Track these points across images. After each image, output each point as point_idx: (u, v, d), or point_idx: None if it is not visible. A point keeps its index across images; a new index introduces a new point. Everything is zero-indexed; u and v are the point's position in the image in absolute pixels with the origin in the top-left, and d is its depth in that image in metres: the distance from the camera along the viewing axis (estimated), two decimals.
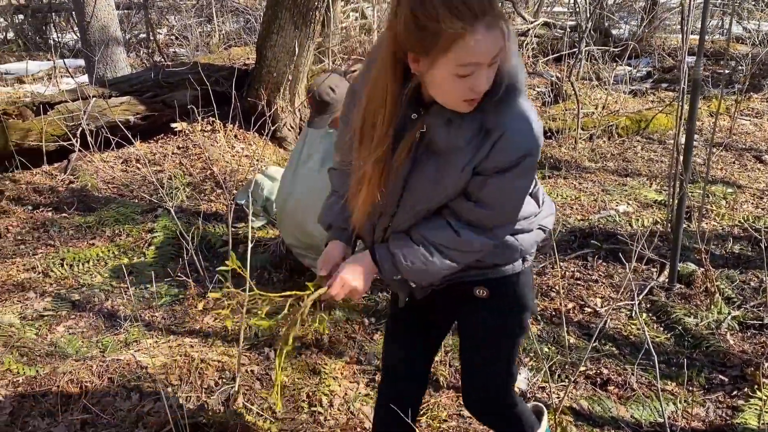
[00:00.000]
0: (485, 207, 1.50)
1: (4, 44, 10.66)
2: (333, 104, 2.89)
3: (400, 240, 1.57)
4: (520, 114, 1.43)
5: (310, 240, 3.30)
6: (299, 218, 3.29)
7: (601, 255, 3.74)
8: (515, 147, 1.43)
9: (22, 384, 2.62)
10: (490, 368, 1.80)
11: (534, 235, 1.69)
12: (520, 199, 1.55)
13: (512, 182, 1.48)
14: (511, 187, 1.49)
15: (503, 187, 1.48)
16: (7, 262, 3.68)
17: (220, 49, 7.60)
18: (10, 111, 4.86)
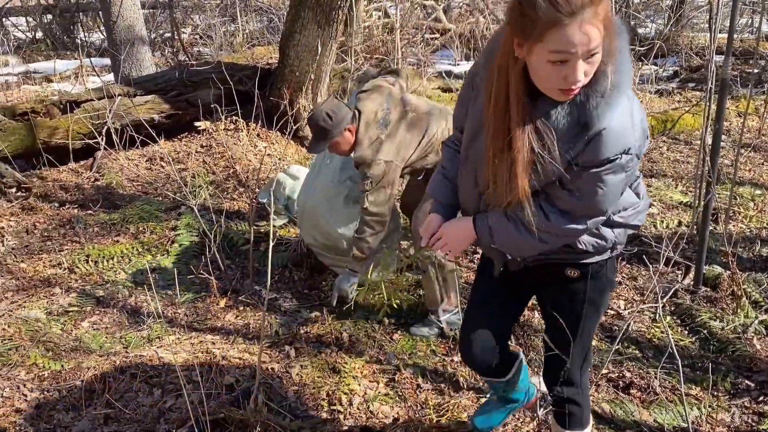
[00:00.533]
0: (578, 198, 1.56)
1: (33, 44, 10.85)
2: (330, 131, 2.80)
3: (496, 215, 1.67)
4: (620, 113, 1.46)
5: (328, 240, 3.30)
6: (318, 219, 3.30)
7: (624, 257, 3.69)
8: (611, 145, 1.46)
9: (48, 378, 2.66)
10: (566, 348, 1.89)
11: (633, 227, 1.75)
12: (613, 194, 1.57)
13: (606, 178, 1.52)
14: (604, 182, 1.53)
15: (596, 181, 1.52)
16: (33, 258, 3.74)
17: (243, 49, 7.65)
18: (38, 109, 4.94)
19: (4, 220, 4.20)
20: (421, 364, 2.85)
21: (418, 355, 2.93)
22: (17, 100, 6.66)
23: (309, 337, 3.06)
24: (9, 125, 4.71)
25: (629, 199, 1.71)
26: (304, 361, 2.86)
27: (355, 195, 3.25)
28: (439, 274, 3.00)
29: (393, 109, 2.91)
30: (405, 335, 3.08)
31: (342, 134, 2.84)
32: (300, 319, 3.23)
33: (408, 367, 2.82)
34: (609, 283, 1.83)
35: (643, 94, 6.75)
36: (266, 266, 3.70)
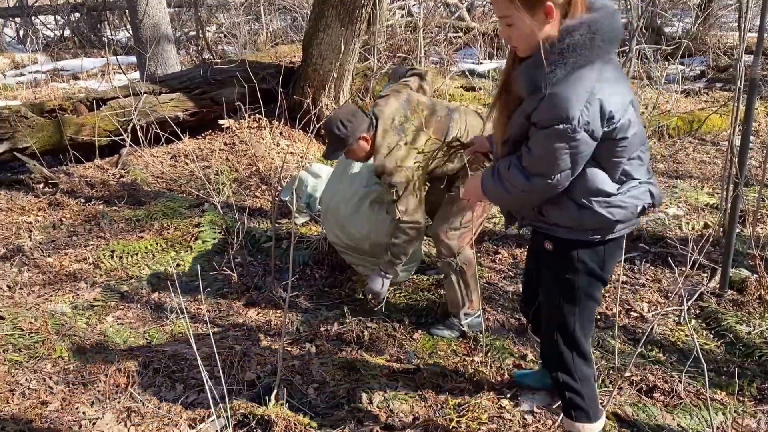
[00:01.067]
0: (528, 153, 1.78)
1: (61, 42, 11.02)
2: (345, 139, 2.77)
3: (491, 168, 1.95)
4: (571, 86, 1.64)
5: (351, 241, 3.30)
6: (342, 219, 3.30)
7: (648, 258, 3.65)
8: (550, 111, 1.66)
9: (73, 371, 2.70)
10: (548, 324, 2.05)
11: (603, 217, 1.80)
12: (556, 159, 1.72)
13: (548, 141, 1.70)
14: (547, 144, 1.71)
15: (541, 142, 1.72)
16: (60, 253, 3.80)
17: (267, 47, 7.69)
18: (66, 106, 5.02)
19: (32, 215, 4.27)
20: (441, 363, 2.84)
21: (438, 354, 2.93)
22: (45, 97, 6.77)
23: (329, 335, 3.07)
24: (37, 122, 4.79)
25: (599, 185, 1.78)
26: (324, 359, 2.87)
27: (382, 199, 3.23)
28: (460, 279, 2.98)
29: (411, 114, 2.85)
30: (425, 335, 3.08)
31: (357, 142, 2.80)
32: (320, 317, 3.24)
33: (428, 366, 2.82)
34: (586, 270, 1.89)
35: (669, 93, 6.66)
36: (287, 264, 3.72)
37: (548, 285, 2.01)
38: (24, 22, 11.48)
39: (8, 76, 8.60)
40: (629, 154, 1.78)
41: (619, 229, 1.86)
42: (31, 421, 2.36)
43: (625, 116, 1.71)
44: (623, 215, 1.82)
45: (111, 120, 5.00)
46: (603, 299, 3.27)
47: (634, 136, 1.75)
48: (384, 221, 3.15)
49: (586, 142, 1.68)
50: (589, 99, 1.63)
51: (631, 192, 1.82)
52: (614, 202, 1.80)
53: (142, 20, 6.35)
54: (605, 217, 1.80)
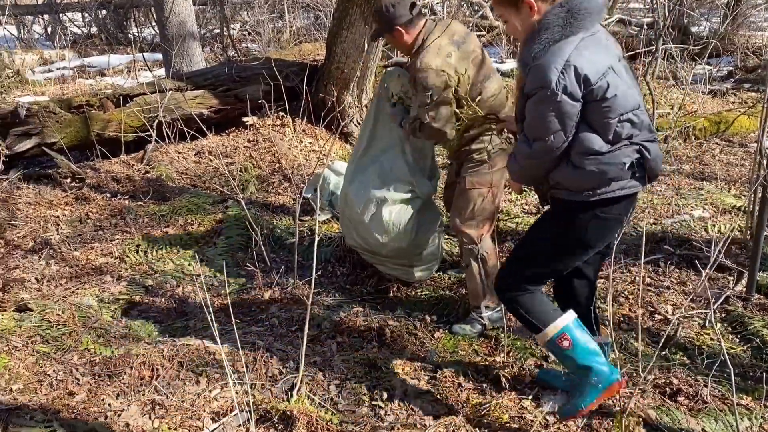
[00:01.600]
0: (526, 121, 2.09)
1: (88, 38, 11.17)
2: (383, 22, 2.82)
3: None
4: (549, 55, 1.97)
5: (368, 245, 3.28)
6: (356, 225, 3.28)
7: (673, 261, 3.61)
8: (533, 80, 2.00)
9: (99, 363, 2.74)
10: (514, 252, 2.40)
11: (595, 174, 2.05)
12: (545, 121, 2.01)
13: (535, 106, 2.02)
14: (535, 109, 2.03)
15: (531, 108, 2.04)
16: (86, 247, 3.86)
17: (290, 45, 7.72)
18: (93, 102, 5.10)
19: (59, 209, 4.34)
20: (462, 362, 2.84)
21: (459, 353, 2.92)
22: (72, 93, 6.88)
23: (351, 332, 3.08)
24: (65, 117, 4.87)
25: (590, 145, 2.03)
26: (346, 356, 2.88)
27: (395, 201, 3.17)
28: (482, 269, 2.98)
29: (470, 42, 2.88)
30: (446, 333, 3.07)
31: (394, 31, 2.83)
32: (342, 314, 3.26)
33: (449, 365, 2.82)
34: (579, 225, 2.16)
35: (695, 94, 6.57)
36: (310, 260, 3.74)
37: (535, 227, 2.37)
38: (52, 19, 11.66)
39: (37, 72, 8.74)
40: (617, 115, 2.00)
41: (615, 188, 2.07)
42: (59, 412, 2.40)
43: (603, 80, 1.97)
44: (614, 172, 2.04)
45: (137, 116, 5.07)
46: (626, 301, 3.25)
47: (615, 98, 1.98)
48: (401, 227, 3.14)
49: (567, 103, 1.96)
50: (565, 66, 1.94)
51: (621, 150, 2.04)
52: (604, 160, 2.03)
53: (168, 17, 6.42)
54: (597, 174, 2.04)
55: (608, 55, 2.01)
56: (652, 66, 6.86)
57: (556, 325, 2.22)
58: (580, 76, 1.94)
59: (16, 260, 3.65)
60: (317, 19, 9.87)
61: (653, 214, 4.24)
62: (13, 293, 3.23)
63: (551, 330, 2.22)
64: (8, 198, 4.35)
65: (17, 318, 3.02)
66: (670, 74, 6.94)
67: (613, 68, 1.99)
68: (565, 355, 2.24)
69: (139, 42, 9.89)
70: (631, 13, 10.50)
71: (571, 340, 2.21)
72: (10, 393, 2.48)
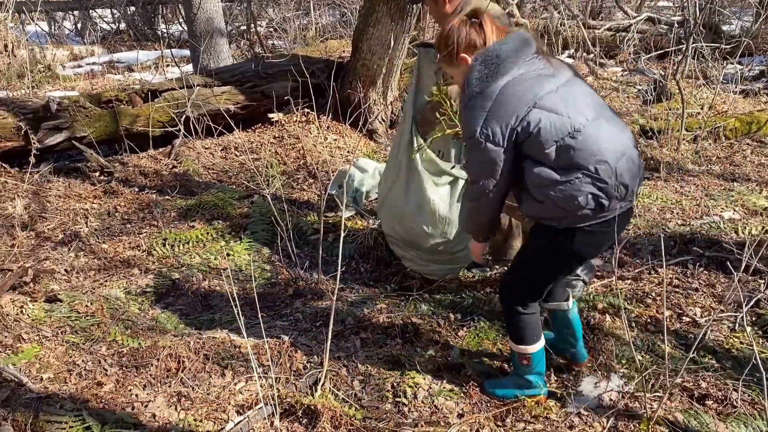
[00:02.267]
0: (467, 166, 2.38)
1: (117, 34, 11.32)
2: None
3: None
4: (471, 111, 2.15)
5: (409, 235, 3.28)
6: (400, 213, 3.29)
7: (702, 263, 3.55)
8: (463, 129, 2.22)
9: (126, 354, 2.78)
10: (510, 269, 2.52)
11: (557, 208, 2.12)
12: (474, 165, 2.21)
13: (469, 153, 2.22)
14: (469, 155, 2.24)
15: (467, 154, 2.31)
16: (114, 240, 3.92)
17: (316, 42, 7.75)
18: (122, 97, 5.16)
19: (88, 202, 4.41)
20: (486, 362, 2.83)
21: (483, 352, 2.91)
22: (101, 88, 6.98)
23: (375, 329, 3.08)
24: (95, 112, 4.94)
25: (540, 176, 2.11)
26: (369, 352, 2.89)
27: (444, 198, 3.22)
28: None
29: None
30: (471, 332, 3.06)
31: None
32: (366, 310, 3.26)
33: (473, 363, 2.80)
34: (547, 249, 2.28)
35: (726, 94, 6.46)
36: (334, 256, 3.76)
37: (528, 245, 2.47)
38: (82, 15, 11.84)
39: (67, 68, 8.88)
40: (551, 144, 2.08)
41: (580, 223, 2.15)
42: (88, 401, 2.44)
43: (524, 120, 2.07)
44: (573, 207, 2.10)
45: (165, 111, 5.12)
46: (653, 302, 3.20)
47: (539, 131, 2.07)
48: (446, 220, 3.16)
49: (492, 150, 2.11)
50: (486, 117, 2.09)
51: (573, 184, 2.09)
52: (559, 192, 2.10)
53: (196, 14, 6.48)
54: (559, 206, 2.12)
55: (537, 87, 2.10)
56: (682, 65, 6.76)
57: (526, 349, 2.47)
58: (500, 123, 2.08)
59: (46, 252, 3.72)
60: (343, 16, 9.89)
61: (681, 215, 4.18)
62: (43, 284, 3.29)
63: (522, 349, 2.47)
64: (39, 191, 4.43)
65: (47, 308, 3.07)
66: (700, 73, 6.83)
67: (536, 103, 2.08)
68: (519, 366, 2.53)
69: (167, 38, 10.00)
70: (659, 12, 10.35)
71: (531, 362, 2.48)
72: (40, 382, 2.53)
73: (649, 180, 4.81)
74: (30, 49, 8.02)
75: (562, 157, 2.08)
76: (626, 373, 2.70)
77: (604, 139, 2.09)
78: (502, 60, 2.11)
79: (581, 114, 2.10)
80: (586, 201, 2.09)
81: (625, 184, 2.11)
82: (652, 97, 6.33)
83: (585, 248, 2.25)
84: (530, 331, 2.44)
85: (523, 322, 2.43)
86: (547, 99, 2.09)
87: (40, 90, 7.03)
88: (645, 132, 5.64)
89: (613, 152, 2.09)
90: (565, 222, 2.16)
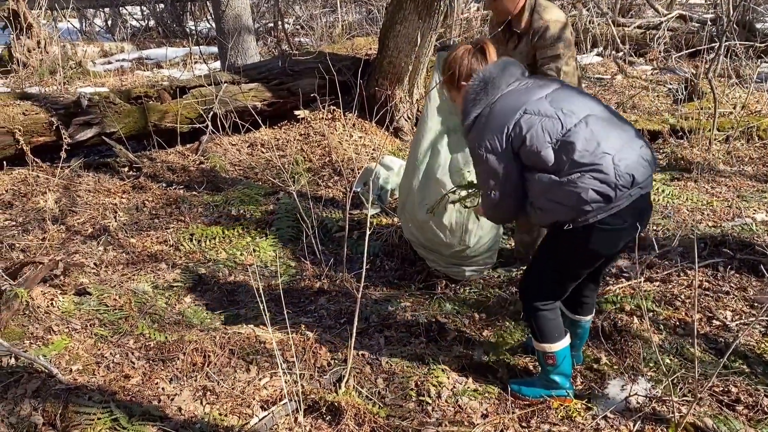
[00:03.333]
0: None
1: (146, 31, 11.46)
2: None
3: None
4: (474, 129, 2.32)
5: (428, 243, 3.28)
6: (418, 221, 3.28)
7: (733, 265, 3.48)
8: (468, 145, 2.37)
9: (153, 348, 2.81)
10: (529, 266, 2.57)
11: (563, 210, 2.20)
12: (482, 178, 2.35)
13: (475, 167, 2.38)
14: (476, 169, 2.38)
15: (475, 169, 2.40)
16: (142, 234, 3.97)
17: (343, 39, 7.76)
18: (151, 94, 5.22)
19: (117, 197, 4.47)
20: (511, 362, 2.81)
21: (508, 353, 2.89)
22: (130, 84, 7.07)
23: (399, 327, 3.08)
24: (124, 108, 5.00)
25: (541, 183, 2.20)
26: (393, 350, 2.88)
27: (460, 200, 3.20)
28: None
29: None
30: (496, 331, 3.04)
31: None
32: (390, 308, 3.26)
33: (497, 364, 2.79)
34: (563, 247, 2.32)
35: (760, 93, 6.32)
36: (358, 254, 3.76)
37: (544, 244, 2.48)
38: (112, 12, 12.01)
39: (97, 64, 9.02)
40: (545, 146, 2.16)
41: (589, 218, 2.17)
42: (115, 393, 2.47)
43: (517, 126, 2.19)
44: (580, 202, 2.14)
45: (193, 108, 5.17)
46: (683, 305, 3.15)
47: (530, 133, 2.16)
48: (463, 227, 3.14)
49: (493, 161, 2.23)
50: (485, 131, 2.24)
51: (574, 181, 2.14)
52: (563, 193, 2.16)
53: (224, 11, 6.53)
54: (565, 208, 2.18)
55: (525, 96, 2.23)
56: (714, 63, 6.64)
57: (552, 347, 2.46)
58: (495, 134, 2.21)
59: (76, 245, 3.78)
60: (369, 13, 9.89)
61: (712, 217, 4.10)
62: (73, 277, 3.34)
63: (547, 347, 2.46)
64: (70, 185, 4.50)
65: (77, 301, 3.12)
66: (732, 72, 6.70)
67: (526, 110, 2.19)
68: (545, 365, 2.51)
69: (195, 35, 10.09)
70: (691, 9, 10.16)
71: (555, 360, 2.48)
72: (70, 373, 2.57)
73: (679, 180, 4.73)
74: (62, 46, 8.15)
75: (560, 159, 2.15)
76: (654, 377, 2.66)
77: (600, 135, 2.15)
78: (489, 81, 2.27)
79: (573, 115, 2.18)
80: (589, 196, 2.13)
81: (629, 173, 2.14)
82: (683, 96, 6.22)
83: (601, 246, 2.27)
84: (552, 328, 2.45)
85: (543, 319, 2.44)
86: (537, 104, 2.21)
87: (71, 86, 7.14)
88: (675, 131, 5.55)
89: (611, 147, 2.14)
90: (579, 222, 2.19)
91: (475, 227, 3.23)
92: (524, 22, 3.10)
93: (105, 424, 2.30)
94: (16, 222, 4.01)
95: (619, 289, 3.29)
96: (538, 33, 3.04)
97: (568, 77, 3.02)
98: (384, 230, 3.93)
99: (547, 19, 3.03)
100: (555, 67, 3.03)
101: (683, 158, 5.05)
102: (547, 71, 3.03)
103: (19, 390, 2.44)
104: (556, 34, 3.00)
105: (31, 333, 2.80)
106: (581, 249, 2.28)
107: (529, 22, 3.08)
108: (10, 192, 4.35)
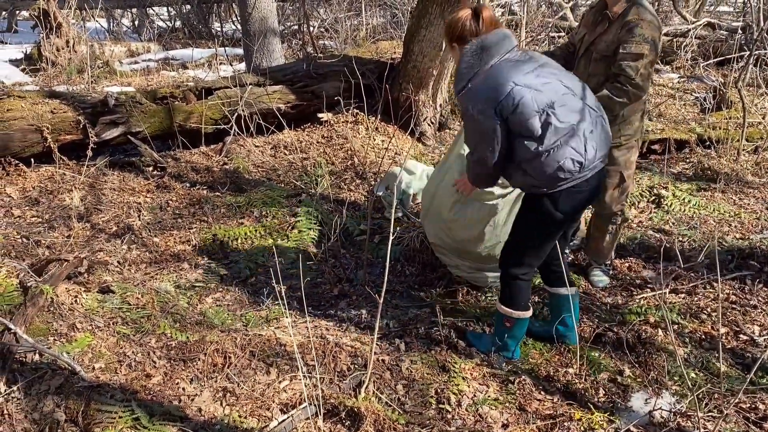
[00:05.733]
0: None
1: (173, 32, 11.57)
2: None
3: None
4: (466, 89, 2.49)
5: (457, 243, 3.25)
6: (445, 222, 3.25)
7: (762, 279, 3.42)
8: (460, 104, 2.56)
9: (175, 348, 2.83)
10: (508, 241, 2.81)
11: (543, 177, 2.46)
12: (471, 137, 2.55)
13: (465, 126, 2.60)
14: (466, 128, 2.60)
15: (465, 127, 2.62)
16: (165, 234, 4.00)
17: (367, 43, 7.76)
18: (176, 94, 5.25)
19: (141, 196, 4.50)
20: (533, 371, 2.78)
21: (530, 362, 2.86)
22: (156, 84, 7.13)
23: (419, 333, 3.06)
24: (150, 108, 5.05)
25: (525, 150, 2.44)
26: (413, 356, 2.87)
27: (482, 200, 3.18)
28: (617, 232, 3.48)
29: None
30: None
31: None
32: (410, 314, 3.24)
33: (519, 373, 2.76)
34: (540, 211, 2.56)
35: None
36: (379, 258, 3.75)
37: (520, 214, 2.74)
38: (139, 13, 12.16)
39: (124, 64, 9.12)
40: (532, 114, 2.39)
41: (562, 185, 2.47)
42: (137, 392, 2.48)
43: (510, 96, 2.37)
44: (558, 171, 2.43)
45: (218, 109, 5.20)
46: (708, 318, 3.10)
47: (521, 103, 2.37)
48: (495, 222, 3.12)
49: (482, 122, 2.43)
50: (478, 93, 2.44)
51: (555, 152, 2.42)
52: (543, 162, 2.43)
53: (250, 13, 6.57)
54: (545, 176, 2.45)
55: (515, 70, 2.42)
56: (744, 72, 6.53)
57: (514, 313, 2.75)
58: (487, 99, 2.40)
59: (100, 243, 3.81)
60: (394, 17, 9.89)
61: (740, 229, 4.03)
62: (97, 275, 3.37)
63: (511, 312, 2.75)
64: (95, 183, 4.55)
65: (100, 299, 3.15)
66: (762, 81, 6.59)
67: (516, 81, 2.39)
68: (501, 327, 2.83)
69: (221, 37, 10.17)
70: (719, 17, 10.03)
71: (512, 326, 2.78)
72: (92, 371, 2.59)
73: (706, 191, 4.66)
74: (90, 46, 8.26)
75: (545, 129, 2.40)
76: (678, 391, 2.61)
77: (576, 109, 2.46)
78: (485, 49, 2.45)
79: (554, 91, 2.44)
80: (569, 164, 2.43)
81: (594, 147, 2.47)
82: (711, 105, 6.13)
83: (569, 208, 2.55)
84: (522, 298, 2.75)
85: (518, 288, 2.73)
86: (526, 78, 2.42)
87: (99, 85, 7.23)
88: (702, 141, 5.47)
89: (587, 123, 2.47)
90: (553, 187, 2.47)
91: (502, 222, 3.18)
92: (618, 7, 3.09)
93: (126, 423, 2.31)
94: (43, 219, 4.06)
95: (643, 300, 3.25)
96: (627, 26, 3.02)
97: (641, 80, 3.01)
98: (405, 235, 3.92)
99: (642, 18, 3.01)
100: (634, 66, 2.98)
101: (710, 168, 4.97)
102: (625, 68, 2.99)
103: (42, 386, 2.47)
104: (645, 34, 2.98)
105: (56, 330, 2.83)
106: (552, 214, 2.53)
107: (622, 9, 3.07)
108: (37, 189, 4.41)
